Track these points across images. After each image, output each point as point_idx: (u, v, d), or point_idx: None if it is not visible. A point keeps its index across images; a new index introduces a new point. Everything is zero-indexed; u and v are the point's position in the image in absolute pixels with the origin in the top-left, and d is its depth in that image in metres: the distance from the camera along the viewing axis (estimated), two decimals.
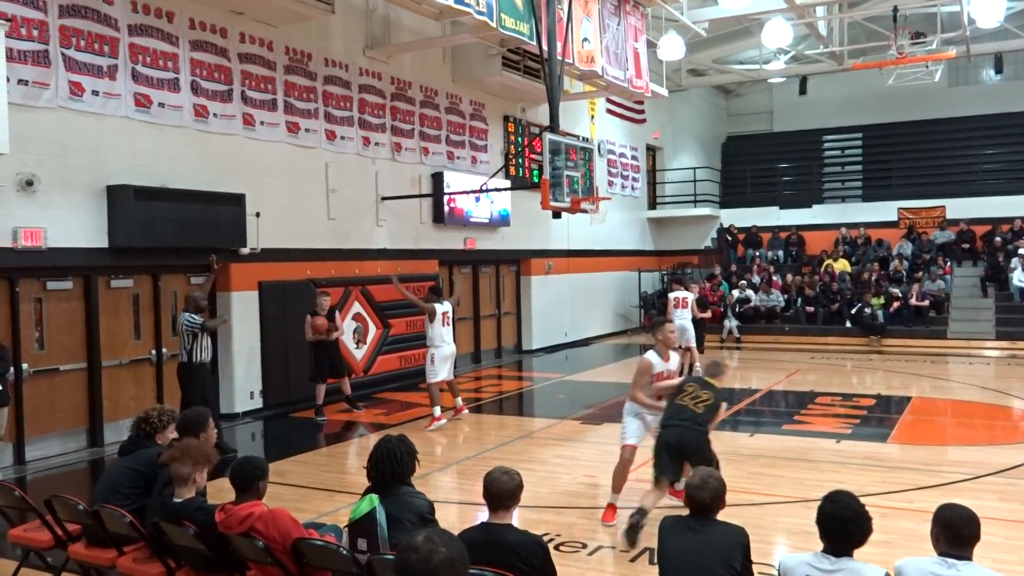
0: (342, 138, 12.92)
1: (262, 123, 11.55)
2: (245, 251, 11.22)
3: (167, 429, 5.13)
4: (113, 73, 9.59)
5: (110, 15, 9.58)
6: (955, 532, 3.32)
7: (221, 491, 5.45)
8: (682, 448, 6.25)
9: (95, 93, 9.40)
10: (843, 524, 3.37)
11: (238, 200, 10.98)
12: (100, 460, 9.31)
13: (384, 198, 13.73)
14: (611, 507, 6.75)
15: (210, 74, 10.79)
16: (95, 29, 9.40)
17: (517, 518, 6.64)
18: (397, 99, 14.05)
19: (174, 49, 10.33)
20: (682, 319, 13.73)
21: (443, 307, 10.76)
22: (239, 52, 11.23)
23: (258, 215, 11.30)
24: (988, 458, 8.52)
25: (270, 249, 11.61)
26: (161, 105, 10.15)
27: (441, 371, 10.65)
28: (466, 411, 11.17)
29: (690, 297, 14.35)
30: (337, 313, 11.70)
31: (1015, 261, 19.17)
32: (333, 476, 8.42)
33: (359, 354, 13.22)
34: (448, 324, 10.86)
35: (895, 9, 17.85)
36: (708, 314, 16.84)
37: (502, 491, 3.83)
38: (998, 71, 21.32)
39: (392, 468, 4.03)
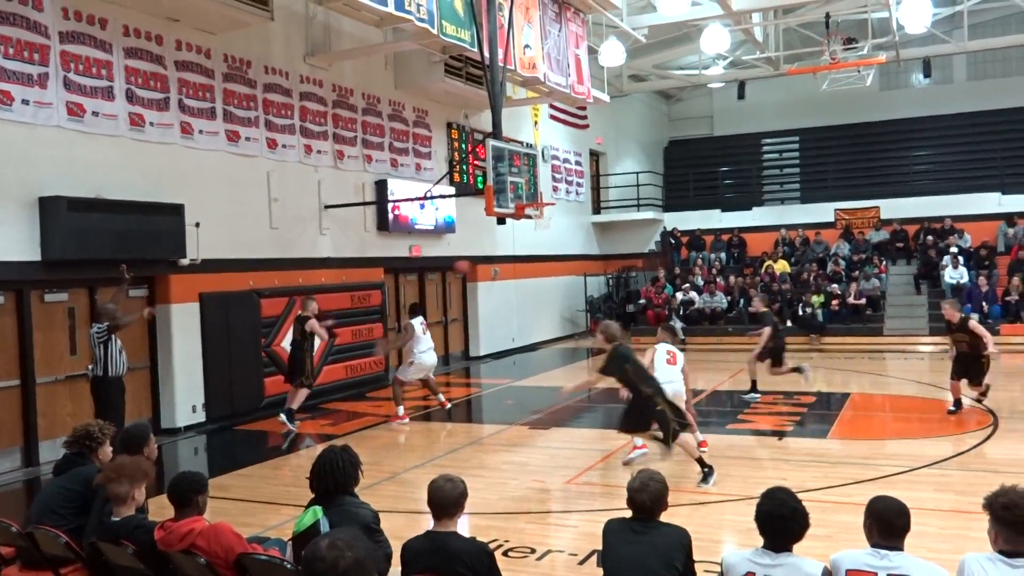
0: (283, 146, 12.77)
1: (201, 132, 11.37)
2: (185, 262, 11.02)
3: (105, 445, 5.02)
4: (44, 81, 9.34)
5: (40, 22, 9.33)
6: (887, 523, 3.42)
7: (164, 507, 5.34)
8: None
9: (25, 102, 9.14)
10: (781, 521, 3.46)
11: (177, 210, 10.77)
12: (35, 479, 9.03)
13: (327, 206, 13.61)
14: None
15: (146, 82, 10.58)
16: (24, 36, 9.14)
17: (467, 525, 6.68)
18: (339, 106, 13.95)
19: (108, 57, 10.11)
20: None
21: (422, 321, 11.63)
22: (176, 60, 11.03)
23: (198, 225, 11.10)
24: (923, 451, 8.78)
25: (211, 260, 11.41)
26: (95, 114, 9.92)
27: (414, 375, 11.43)
28: (448, 405, 11.89)
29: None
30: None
31: (946, 259, 19.79)
32: (278, 489, 8.31)
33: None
34: (427, 332, 11.60)
35: (827, 16, 18.33)
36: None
37: (445, 499, 3.83)
38: (926, 75, 21.98)
39: (335, 478, 4.01)
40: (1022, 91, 23.45)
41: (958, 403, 10.51)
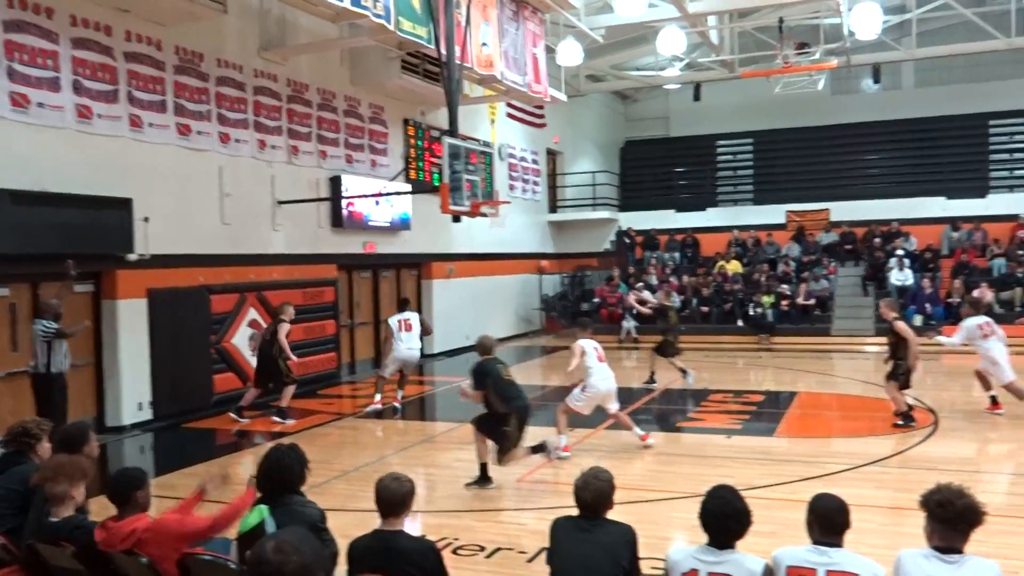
0: (236, 141, 12.60)
1: (151, 125, 11.16)
2: (133, 257, 10.80)
3: (43, 441, 4.91)
4: None
5: None
6: (827, 520, 3.50)
7: (106, 507, 5.24)
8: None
9: None
10: (723, 520, 3.52)
11: (125, 204, 10.57)
12: None
13: (281, 202, 13.46)
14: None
15: (93, 73, 10.35)
16: None
17: (420, 523, 6.66)
18: (294, 101, 13.80)
19: (54, 47, 9.86)
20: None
21: (401, 316, 11.94)
22: (125, 51, 10.81)
23: (147, 220, 10.90)
24: (866, 449, 8.99)
25: (160, 255, 11.21)
26: (40, 105, 9.68)
27: (393, 368, 11.97)
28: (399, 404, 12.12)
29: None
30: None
31: (893, 261, 20.26)
32: (225, 488, 8.17)
33: (255, 362, 12.86)
34: (408, 329, 11.87)
35: (781, 20, 18.60)
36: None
37: (392, 498, 3.82)
38: (876, 81, 22.44)
39: (282, 477, 3.97)
40: (968, 98, 24.05)
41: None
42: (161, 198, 11.28)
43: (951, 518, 3.34)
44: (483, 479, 7.88)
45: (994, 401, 10.50)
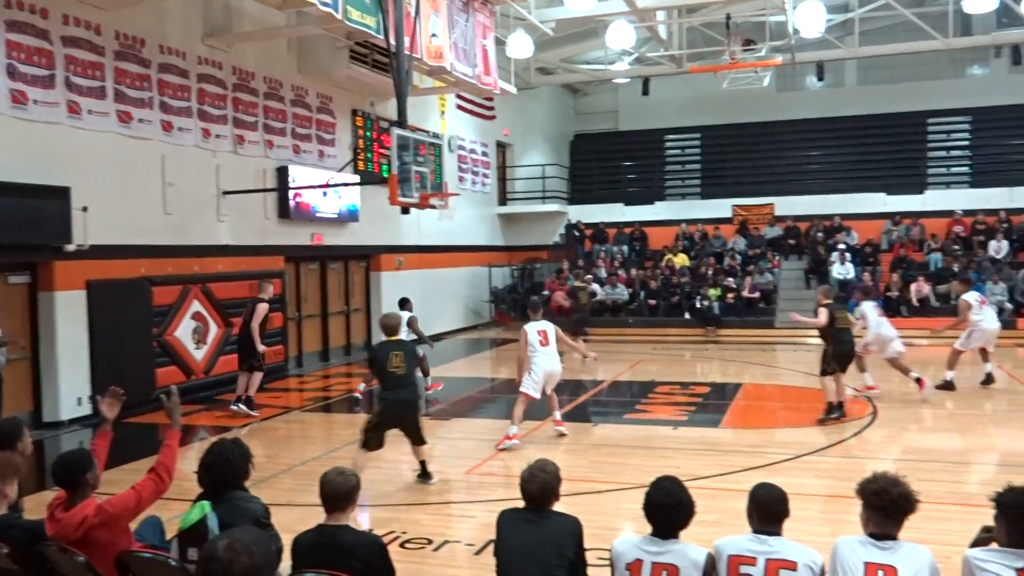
0: (180, 129, 12.33)
1: (90, 112, 10.86)
2: (71, 248, 10.52)
3: None
4: None
5: None
6: (767, 510, 3.58)
7: (42, 505, 5.10)
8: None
9: None
10: (666, 511, 3.57)
11: (62, 193, 10.29)
12: None
13: (226, 192, 13.22)
14: None
15: (29, 58, 10.03)
16: None
17: (367, 517, 6.62)
18: (239, 90, 13.55)
19: None
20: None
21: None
22: (62, 35, 10.50)
23: (85, 209, 10.62)
24: (807, 438, 9.19)
25: (100, 246, 10.94)
26: None
27: None
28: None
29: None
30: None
31: (835, 255, 20.71)
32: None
33: (199, 355, 12.67)
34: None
35: (728, 17, 18.83)
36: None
37: (337, 492, 3.80)
38: (820, 79, 22.88)
39: (225, 472, 3.91)
40: (908, 97, 24.68)
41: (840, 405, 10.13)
42: (101, 187, 10.99)
43: (886, 506, 3.43)
44: (423, 474, 7.76)
45: (919, 381, 11.00)
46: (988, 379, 11.87)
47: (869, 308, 11.51)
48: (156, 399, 11.40)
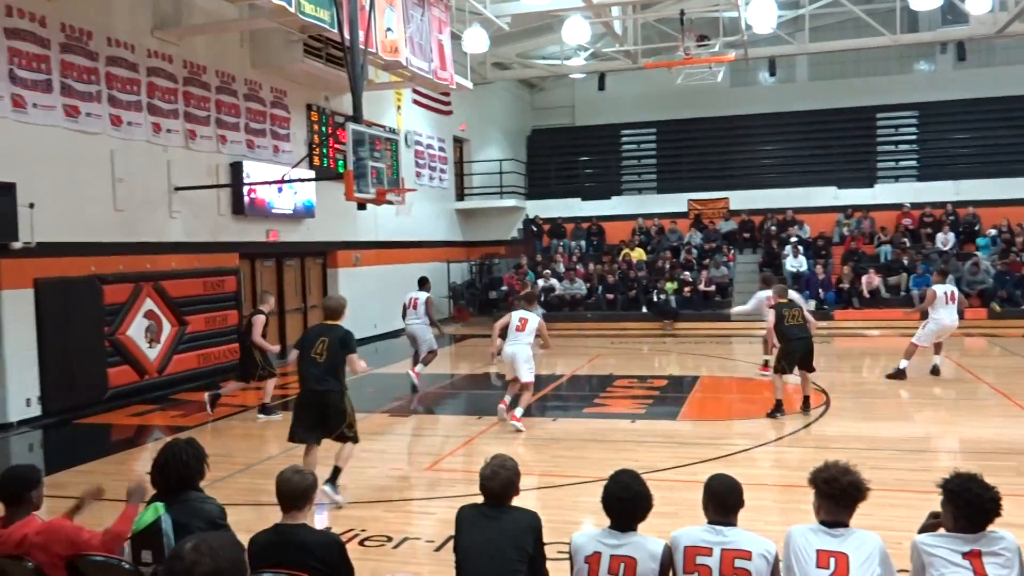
0: (129, 124, 12.09)
1: (35, 105, 10.60)
2: (17, 245, 10.26)
3: None
4: None
5: None
6: (721, 501, 3.63)
7: None
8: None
9: None
10: (624, 504, 3.60)
11: (8, 190, 10.04)
12: None
13: (178, 188, 13.00)
14: None
15: None
16: None
17: (326, 515, 6.57)
18: (191, 84, 13.32)
19: None
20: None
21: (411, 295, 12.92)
22: (5, 27, 10.22)
23: (32, 206, 10.36)
24: (763, 430, 9.33)
25: (48, 243, 10.68)
26: None
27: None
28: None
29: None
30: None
31: (788, 248, 21.04)
32: (122, 485, 7.81)
33: (152, 354, 12.44)
34: (414, 307, 12.82)
35: (682, 13, 19.00)
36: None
37: (294, 491, 3.76)
38: (772, 74, 23.19)
39: (179, 473, 3.85)
40: (857, 92, 25.15)
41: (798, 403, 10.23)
42: (48, 183, 10.74)
43: (836, 494, 3.50)
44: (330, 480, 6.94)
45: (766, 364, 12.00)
46: (935, 370, 12.16)
47: (763, 296, 12.35)
48: (108, 399, 11.30)
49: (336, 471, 6.98)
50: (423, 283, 13.23)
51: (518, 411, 9.48)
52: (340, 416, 6.93)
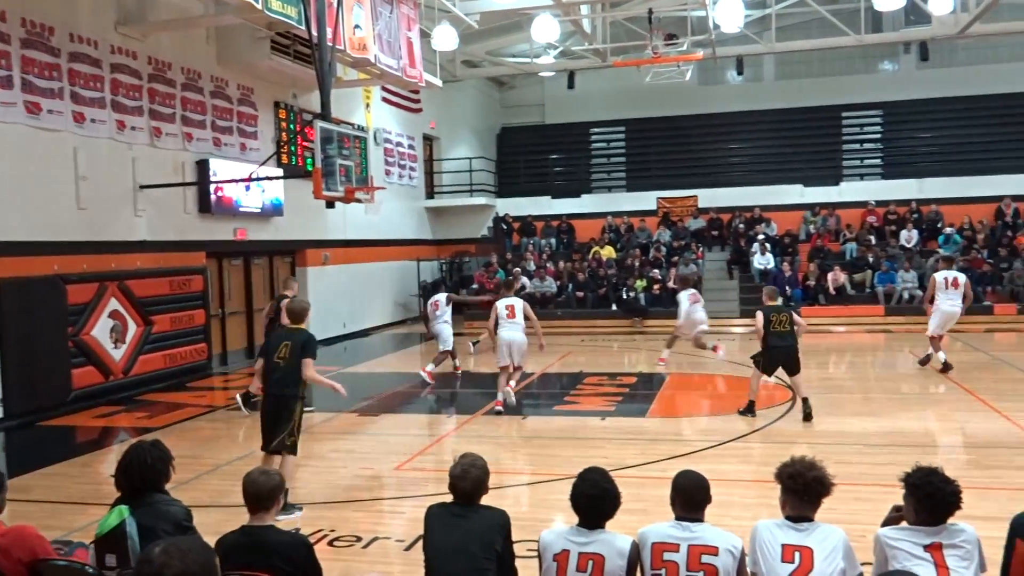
0: (92, 121, 11.91)
1: None
2: None
3: None
4: None
5: None
6: (688, 497, 3.66)
7: None
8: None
9: None
10: (592, 501, 3.62)
11: None
12: None
13: (143, 186, 12.83)
14: None
15: None
16: None
17: (299, 515, 6.52)
18: (155, 80, 13.15)
19: None
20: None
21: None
22: None
23: None
24: (731, 426, 9.41)
25: (9, 242, 10.51)
26: None
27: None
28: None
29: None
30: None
31: (755, 246, 21.24)
32: (86, 488, 7.78)
33: (118, 354, 12.27)
34: (436, 308, 13.43)
35: (650, 11, 19.08)
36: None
37: (260, 492, 3.73)
38: (739, 73, 23.36)
39: (143, 475, 3.80)
40: (823, 91, 25.46)
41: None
42: (8, 181, 10.56)
43: (801, 489, 3.55)
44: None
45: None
46: (946, 367, 12.21)
47: (686, 295, 13.56)
48: (72, 401, 11.13)
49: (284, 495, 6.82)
50: (436, 286, 13.48)
51: (512, 383, 10.48)
52: (287, 421, 6.82)
